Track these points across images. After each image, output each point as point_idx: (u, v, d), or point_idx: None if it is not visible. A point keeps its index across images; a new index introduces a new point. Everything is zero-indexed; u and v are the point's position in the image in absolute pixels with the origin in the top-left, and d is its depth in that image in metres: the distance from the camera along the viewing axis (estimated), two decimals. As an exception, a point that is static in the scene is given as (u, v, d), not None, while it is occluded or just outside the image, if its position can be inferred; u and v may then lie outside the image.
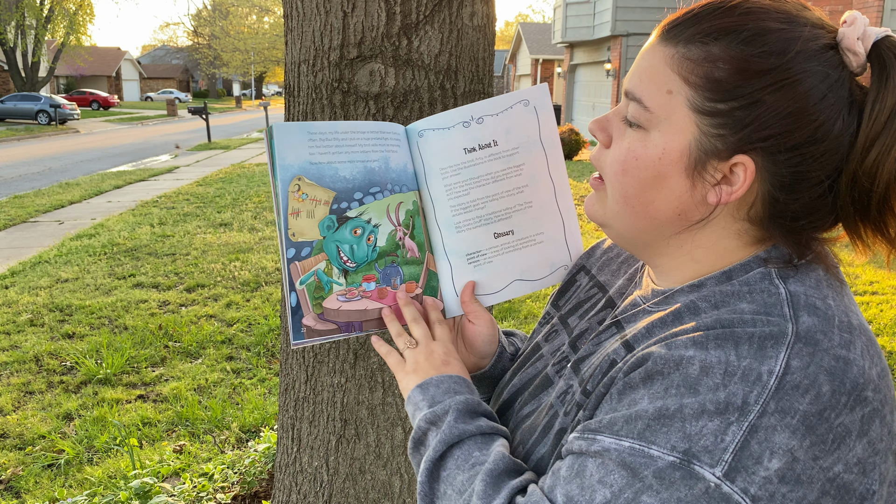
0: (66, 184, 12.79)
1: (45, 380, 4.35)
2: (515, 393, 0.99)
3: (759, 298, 0.71)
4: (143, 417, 3.83)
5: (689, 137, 0.74)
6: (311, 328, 0.95)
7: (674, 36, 0.75)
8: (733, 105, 0.71)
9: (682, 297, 0.79)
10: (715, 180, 0.74)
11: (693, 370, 0.67)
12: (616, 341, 0.82)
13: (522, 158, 1.02)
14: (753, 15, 0.72)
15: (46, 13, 33.57)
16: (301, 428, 2.17)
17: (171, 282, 6.40)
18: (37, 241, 8.33)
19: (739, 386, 0.64)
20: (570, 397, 0.83)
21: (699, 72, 0.72)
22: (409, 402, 0.93)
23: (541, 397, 0.92)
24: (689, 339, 0.69)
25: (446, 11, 1.86)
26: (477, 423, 0.86)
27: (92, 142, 22.85)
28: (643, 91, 0.76)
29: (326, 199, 0.95)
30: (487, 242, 1.04)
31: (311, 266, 0.95)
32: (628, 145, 0.78)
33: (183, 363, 4.62)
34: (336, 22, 1.84)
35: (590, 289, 1.02)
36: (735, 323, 0.69)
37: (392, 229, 1.00)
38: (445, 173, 1.01)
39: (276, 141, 0.92)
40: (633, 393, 0.70)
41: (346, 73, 1.87)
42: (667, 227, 0.80)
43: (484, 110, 1.00)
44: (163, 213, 9.72)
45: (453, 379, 0.93)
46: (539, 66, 28.84)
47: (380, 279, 1.00)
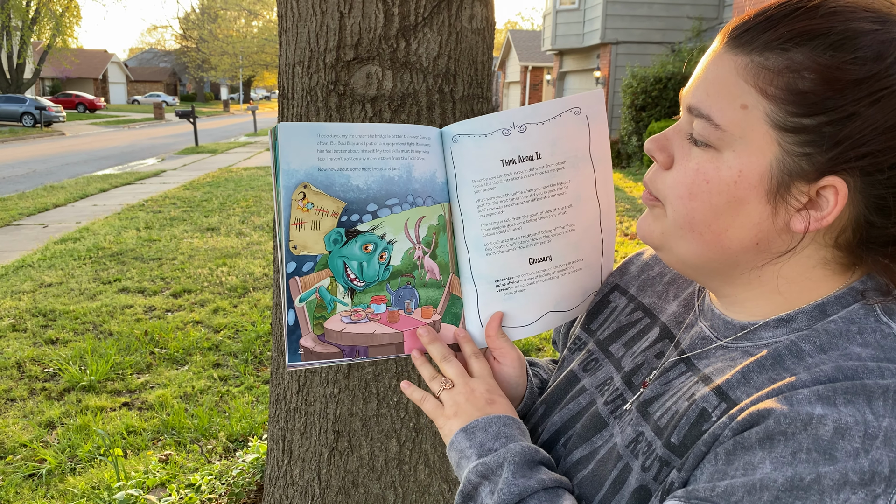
0: (50, 187, 12.64)
1: (27, 387, 4.26)
2: (557, 433, 0.88)
3: (871, 340, 0.64)
4: (127, 426, 3.75)
5: (770, 157, 0.65)
6: (309, 350, 0.87)
7: (746, 42, 0.66)
8: (822, 120, 0.62)
9: (768, 332, 0.71)
10: (800, 205, 0.66)
11: (825, 431, 0.58)
12: (697, 384, 0.73)
13: (568, 175, 0.90)
14: (840, 15, 0.63)
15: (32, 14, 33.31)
16: (292, 439, 2.11)
17: (158, 287, 6.31)
18: (20, 244, 8.20)
19: (883, 451, 0.56)
20: (647, 448, 0.73)
21: (780, 83, 0.63)
22: (453, 449, 0.83)
23: (594, 440, 0.81)
24: (813, 393, 0.60)
25: (445, 14, 1.82)
26: (539, 477, 0.77)
27: (77, 144, 22.64)
28: (712, 106, 0.67)
29: (335, 210, 0.86)
30: (521, 268, 0.92)
31: (314, 283, 0.86)
32: (696, 166, 0.69)
33: (169, 370, 4.54)
34: (332, 23, 1.79)
35: (631, 312, 0.92)
36: (860, 373, 0.60)
37: (409, 247, 0.90)
38: (478, 186, 0.89)
39: (281, 143, 0.83)
40: (747, 455, 0.61)
41: (343, 76, 1.82)
42: (742, 257, 0.71)
43: (528, 117, 0.87)
44: (149, 218, 9.61)
45: (502, 421, 0.83)
46: (528, 73, 28.91)
47: (391, 301, 0.90)
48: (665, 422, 0.73)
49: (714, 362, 0.74)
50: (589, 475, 0.79)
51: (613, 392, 0.84)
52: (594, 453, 0.80)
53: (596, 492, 0.76)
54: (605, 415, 0.83)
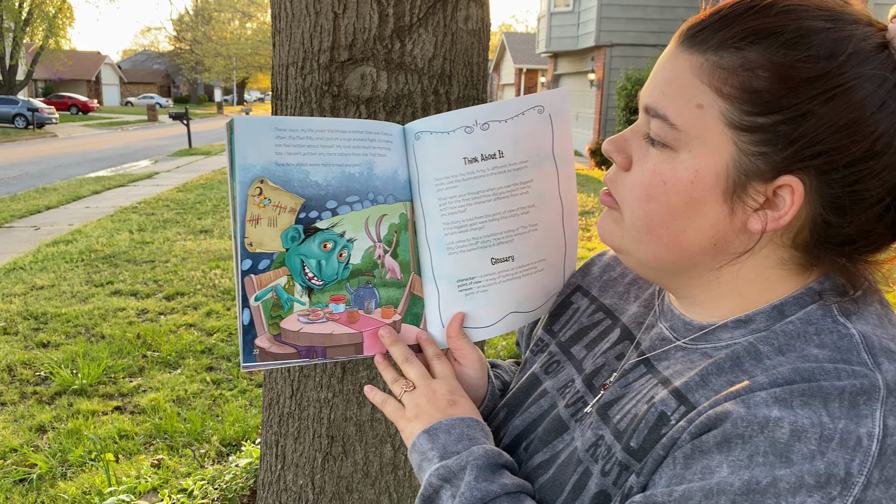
0: (43, 189, 12.57)
1: (18, 390, 4.22)
2: (519, 436, 0.87)
3: (828, 341, 0.64)
4: (119, 430, 3.72)
5: (726, 157, 0.65)
6: (264, 350, 0.84)
7: (700, 42, 0.65)
8: (777, 119, 0.62)
9: (727, 333, 0.71)
10: (757, 204, 0.65)
11: (782, 434, 0.57)
12: (656, 387, 0.72)
13: (531, 174, 0.89)
14: (793, 14, 0.63)
15: (25, 16, 33.17)
16: (286, 444, 2.09)
17: (150, 289, 6.27)
18: (12, 246, 8.15)
19: (839, 453, 0.56)
20: (607, 452, 0.72)
21: (734, 81, 0.63)
22: (415, 451, 0.82)
23: (555, 444, 0.81)
24: (770, 396, 0.60)
25: (440, 14, 1.80)
26: (501, 481, 0.76)
27: (70, 146, 22.54)
28: (668, 106, 0.67)
29: (293, 207, 0.83)
30: (483, 268, 0.91)
31: (270, 281, 0.84)
32: (653, 167, 0.68)
33: (161, 373, 4.50)
34: (326, 23, 1.77)
35: (592, 313, 0.91)
36: (817, 375, 0.60)
37: (370, 245, 0.88)
38: (441, 185, 0.87)
39: (237, 136, 0.80)
40: (705, 459, 0.61)
41: (337, 77, 1.80)
42: (700, 259, 0.70)
43: (491, 115, 0.86)
44: (142, 220, 9.56)
45: (466, 423, 0.82)
46: (523, 75, 28.94)
47: (351, 301, 0.88)
48: (625, 425, 0.72)
49: (673, 364, 0.73)
50: (550, 480, 0.78)
51: (574, 395, 0.83)
52: (555, 457, 0.79)
53: (556, 497, 0.75)
54: (566, 418, 0.82)
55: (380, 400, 0.90)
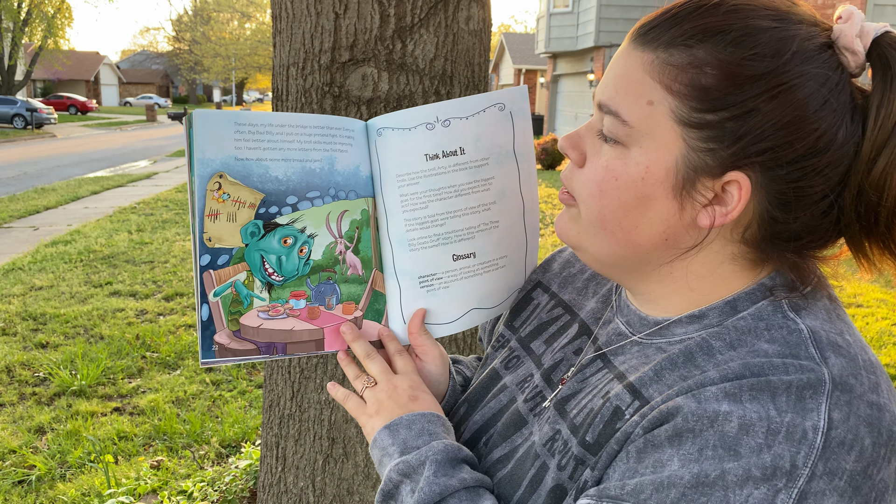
0: (41, 189, 12.56)
1: (17, 391, 4.21)
2: (479, 431, 0.87)
3: (778, 336, 0.65)
4: (118, 431, 3.71)
5: (676, 153, 0.66)
6: (223, 346, 0.83)
7: (651, 40, 0.67)
8: (724, 115, 0.63)
9: (681, 328, 0.72)
10: (706, 200, 0.67)
11: (730, 428, 0.59)
12: (612, 381, 0.73)
13: (492, 171, 0.90)
14: (741, 13, 0.64)
15: (24, 16, 33.13)
16: (286, 446, 2.08)
17: (149, 290, 6.26)
18: (10, 247, 8.13)
19: (785, 446, 0.57)
20: (563, 447, 0.73)
21: (683, 79, 0.65)
22: (376, 447, 0.82)
23: (513, 439, 0.81)
24: (720, 391, 0.62)
25: (442, 15, 1.80)
26: (460, 476, 0.76)
27: (69, 147, 22.53)
28: (620, 103, 0.68)
29: (252, 202, 0.83)
30: (445, 265, 0.91)
31: (229, 276, 0.83)
32: (605, 163, 0.70)
33: (161, 374, 4.49)
34: (327, 24, 1.77)
35: (552, 308, 0.92)
36: (766, 370, 0.61)
37: (331, 241, 0.88)
38: (402, 181, 0.88)
39: (196, 131, 0.79)
40: (657, 453, 0.62)
41: (338, 77, 1.79)
42: (653, 254, 0.72)
43: (452, 112, 0.86)
44: (141, 220, 9.55)
45: (426, 418, 0.83)
46: (522, 76, 28.95)
47: (311, 297, 0.88)
48: (581, 420, 0.73)
49: (629, 359, 0.74)
50: (508, 474, 0.78)
51: (533, 389, 0.84)
52: (513, 452, 0.80)
53: (514, 491, 0.76)
54: (524, 413, 0.83)
55: (341, 396, 0.91)
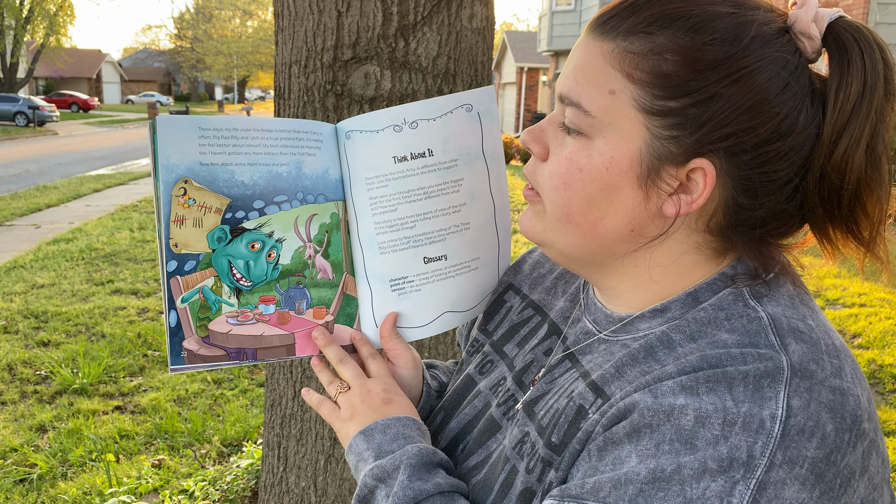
0: (43, 187, 12.56)
1: (18, 389, 4.21)
2: (455, 439, 0.86)
3: (738, 326, 0.64)
4: (120, 430, 3.70)
5: (639, 142, 0.65)
6: (192, 353, 0.83)
7: (610, 29, 0.66)
8: (686, 102, 0.63)
9: (645, 323, 0.71)
10: (671, 189, 0.66)
11: (687, 421, 0.58)
12: (577, 381, 0.72)
13: (461, 173, 0.89)
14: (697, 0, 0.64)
15: (26, 14, 33.15)
16: (288, 446, 2.08)
17: (151, 288, 6.25)
18: (12, 245, 8.14)
19: (742, 437, 0.56)
20: (531, 449, 0.72)
21: (644, 66, 0.64)
22: (351, 452, 0.82)
23: (488, 444, 0.80)
24: (677, 384, 0.61)
25: (445, 13, 1.79)
26: (435, 481, 0.76)
27: (71, 144, 22.54)
28: (581, 93, 0.67)
29: (218, 207, 0.82)
30: (416, 268, 0.90)
31: (197, 282, 0.83)
32: (569, 156, 0.69)
33: (162, 373, 4.49)
34: (330, 22, 1.76)
35: (523, 310, 0.91)
36: (723, 360, 0.61)
37: (300, 245, 0.87)
38: (371, 184, 0.87)
39: (160, 136, 0.78)
40: (616, 450, 0.61)
41: (340, 75, 1.78)
42: (619, 246, 0.71)
43: (419, 113, 0.86)
44: (143, 218, 9.55)
45: (402, 422, 0.82)
46: (524, 74, 28.92)
47: (281, 302, 0.87)
48: (547, 421, 0.72)
49: (595, 357, 0.74)
50: (481, 480, 0.78)
51: (505, 393, 0.83)
52: (488, 458, 0.79)
53: (487, 496, 0.75)
54: (498, 417, 0.82)
55: (315, 402, 0.90)
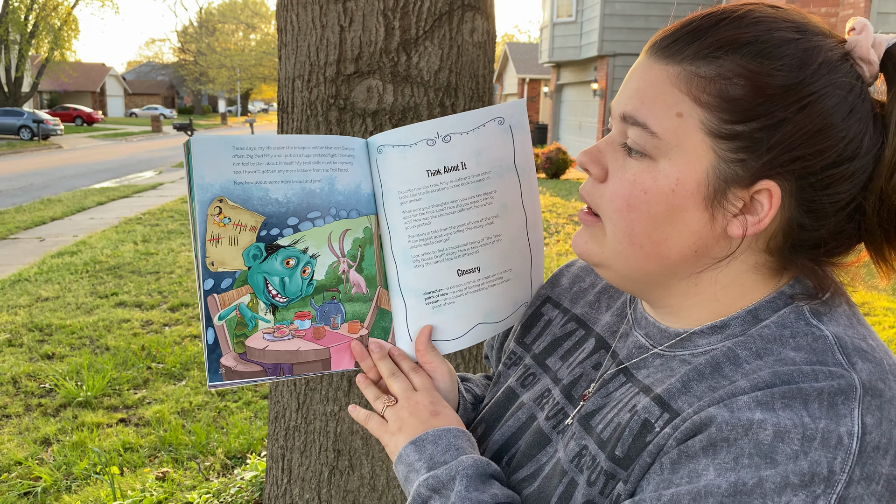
0: (47, 200, 12.61)
1: (23, 402, 4.21)
2: (499, 451, 0.86)
3: (804, 344, 0.65)
4: (124, 442, 3.70)
5: (706, 164, 0.66)
6: (230, 369, 0.84)
7: (675, 52, 0.67)
8: (754, 126, 0.64)
9: (703, 339, 0.72)
10: (736, 210, 0.67)
11: (765, 436, 0.59)
12: (638, 395, 0.73)
13: (494, 185, 0.90)
14: (764, 24, 0.65)
15: (31, 28, 33.37)
16: (292, 458, 2.08)
17: (155, 301, 6.27)
18: (17, 258, 8.16)
19: (821, 452, 0.57)
20: (591, 462, 0.73)
21: (712, 90, 0.65)
22: (401, 462, 0.82)
23: (538, 458, 0.81)
24: (752, 399, 0.62)
25: (446, 27, 1.81)
26: (491, 492, 0.76)
27: (75, 157, 22.63)
28: (648, 115, 0.68)
29: (253, 225, 0.83)
30: (449, 280, 0.91)
31: (233, 300, 0.84)
32: (633, 177, 0.69)
33: (166, 385, 4.49)
34: (333, 36, 1.78)
35: (565, 324, 0.92)
36: (796, 377, 0.62)
37: (333, 261, 0.88)
38: (404, 198, 0.88)
39: (195, 156, 0.80)
40: (691, 463, 0.62)
41: (343, 89, 1.80)
42: (681, 266, 0.72)
43: (452, 127, 0.87)
44: (146, 231, 9.58)
45: (452, 433, 0.82)
46: (526, 85, 29.01)
47: (316, 317, 0.88)
48: (608, 434, 0.73)
49: (653, 372, 0.74)
50: (535, 492, 0.78)
51: (554, 406, 0.84)
52: (539, 470, 0.79)
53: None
54: (547, 430, 0.82)
55: (363, 417, 0.91)
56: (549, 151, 16.16)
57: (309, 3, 1.80)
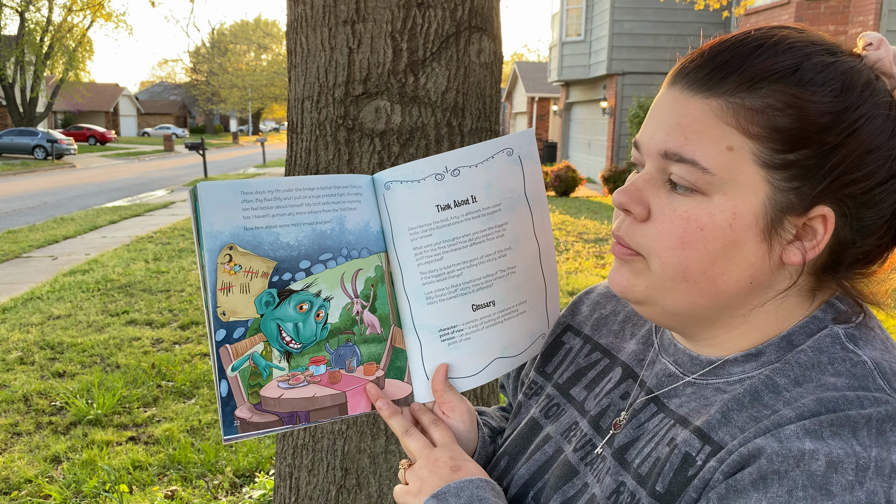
0: (60, 219, 12.73)
1: (34, 420, 4.23)
2: (525, 485, 0.84)
3: (843, 370, 0.64)
4: (133, 460, 3.71)
5: (762, 196, 0.65)
6: (245, 421, 0.81)
7: (714, 84, 0.65)
8: (806, 153, 0.63)
9: (738, 367, 0.71)
10: (790, 237, 0.66)
11: (818, 467, 0.57)
12: (674, 427, 0.71)
13: (505, 217, 0.88)
14: (799, 50, 0.64)
15: (46, 49, 33.85)
16: (299, 477, 2.08)
17: (166, 319, 6.30)
18: (29, 276, 8.23)
19: (877, 482, 0.56)
20: (630, 499, 0.70)
21: (760, 121, 0.63)
22: None
23: (565, 490, 0.78)
24: (800, 429, 0.60)
25: (453, 48, 1.83)
26: None
27: (88, 177, 22.86)
28: (696, 151, 0.65)
29: (265, 271, 0.80)
30: (464, 316, 0.88)
31: (246, 349, 0.81)
32: (686, 214, 0.66)
33: (176, 403, 4.51)
34: (341, 58, 1.80)
35: (589, 353, 0.90)
36: (841, 405, 0.61)
37: (347, 302, 0.86)
38: (415, 234, 0.86)
39: (202, 204, 0.77)
40: (741, 498, 0.60)
41: (352, 110, 1.83)
42: (734, 300, 0.69)
43: (460, 161, 0.85)
44: (158, 249, 9.64)
45: (475, 484, 0.79)
46: (535, 104, 29.13)
47: (331, 361, 0.85)
48: (647, 469, 0.71)
49: (686, 401, 0.73)
50: None
51: (582, 438, 0.81)
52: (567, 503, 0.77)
53: None
54: (574, 462, 0.80)
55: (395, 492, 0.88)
56: (559, 170, 16.19)
57: (318, 25, 1.83)
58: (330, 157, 1.87)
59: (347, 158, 1.86)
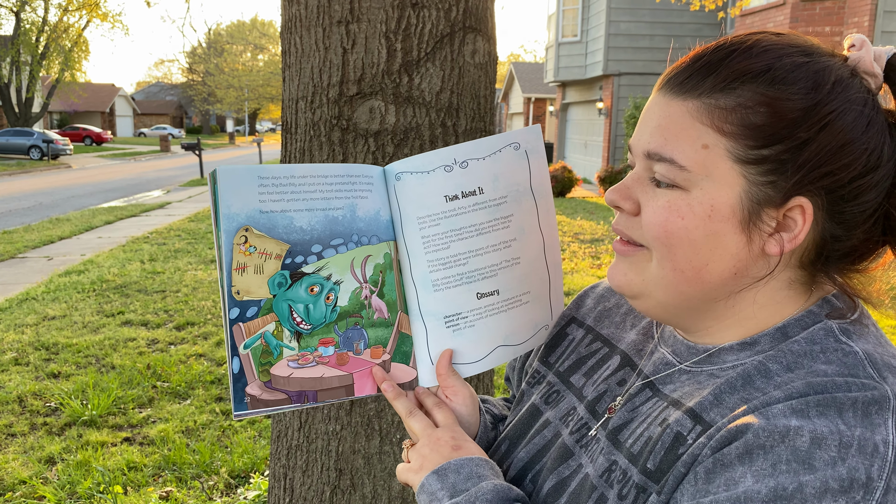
0: (56, 219, 12.70)
1: (28, 421, 4.22)
2: (524, 468, 0.88)
3: (834, 358, 0.67)
4: (128, 461, 3.70)
5: (738, 190, 0.69)
6: (255, 398, 0.84)
7: (692, 87, 0.70)
8: (780, 149, 0.67)
9: (732, 355, 0.73)
10: (771, 229, 0.69)
11: (802, 442, 0.60)
12: (667, 409, 0.74)
13: (511, 209, 0.92)
14: (773, 52, 0.68)
15: (42, 50, 33.78)
16: (294, 477, 2.08)
17: (161, 319, 6.29)
18: (25, 277, 8.21)
19: (858, 459, 0.59)
20: (622, 477, 0.73)
21: (734, 119, 0.67)
22: (423, 492, 0.82)
23: (560, 470, 0.82)
24: (787, 408, 0.63)
25: (448, 49, 1.83)
26: None
27: (84, 177, 22.82)
28: (674, 150, 0.70)
29: (278, 253, 0.84)
30: (469, 304, 0.92)
31: (258, 328, 0.85)
32: (666, 204, 0.71)
33: (171, 404, 4.50)
34: (335, 58, 1.80)
35: (590, 343, 0.93)
36: (829, 387, 0.64)
37: (356, 287, 0.89)
38: (423, 223, 0.90)
39: (221, 187, 0.81)
40: (727, 471, 0.62)
41: (346, 110, 1.82)
42: (720, 289, 0.73)
43: (469, 153, 0.89)
44: (153, 250, 9.63)
45: (474, 462, 0.83)
46: (531, 104, 29.15)
47: (340, 343, 0.89)
48: (638, 448, 0.73)
49: (680, 386, 0.76)
50: None
51: (578, 421, 0.85)
52: (563, 483, 0.80)
53: None
54: (570, 444, 0.83)
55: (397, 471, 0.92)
56: (555, 170, 16.20)
57: (312, 25, 1.82)
58: (324, 158, 1.87)
59: (342, 159, 1.85)
